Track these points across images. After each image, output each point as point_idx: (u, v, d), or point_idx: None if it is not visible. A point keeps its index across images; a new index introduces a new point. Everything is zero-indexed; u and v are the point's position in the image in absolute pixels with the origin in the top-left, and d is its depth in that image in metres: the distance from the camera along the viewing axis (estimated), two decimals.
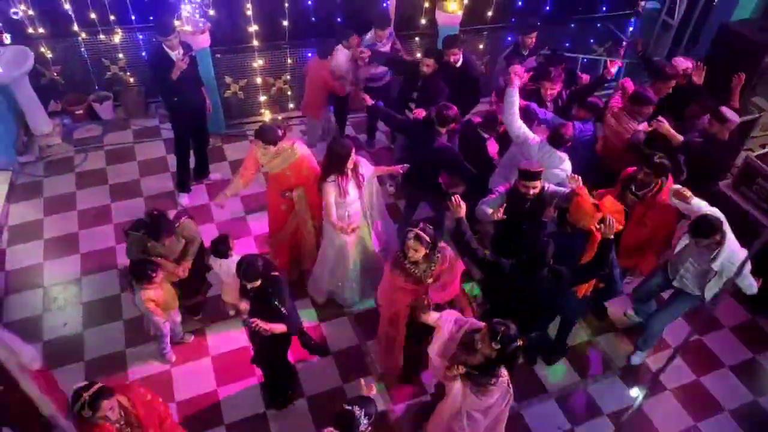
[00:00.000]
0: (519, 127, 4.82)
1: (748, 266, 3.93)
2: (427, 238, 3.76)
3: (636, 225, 4.47)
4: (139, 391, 3.23)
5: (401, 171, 4.69)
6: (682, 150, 4.90)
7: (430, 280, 3.97)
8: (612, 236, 3.69)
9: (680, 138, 4.88)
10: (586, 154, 5.08)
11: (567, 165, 4.67)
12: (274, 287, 3.73)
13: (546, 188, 4.36)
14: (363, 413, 2.99)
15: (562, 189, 4.39)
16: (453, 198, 3.95)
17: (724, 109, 4.82)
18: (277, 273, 3.80)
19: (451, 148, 4.84)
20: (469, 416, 3.40)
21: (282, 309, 3.72)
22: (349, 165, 4.33)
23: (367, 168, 4.54)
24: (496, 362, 3.26)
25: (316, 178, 4.55)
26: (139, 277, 4.03)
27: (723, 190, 5.43)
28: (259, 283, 3.66)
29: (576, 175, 4.27)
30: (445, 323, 3.57)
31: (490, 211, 4.27)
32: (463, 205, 3.92)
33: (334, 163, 4.30)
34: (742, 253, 3.96)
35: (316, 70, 5.89)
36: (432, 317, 3.70)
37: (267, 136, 4.32)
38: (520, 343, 3.22)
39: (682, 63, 5.67)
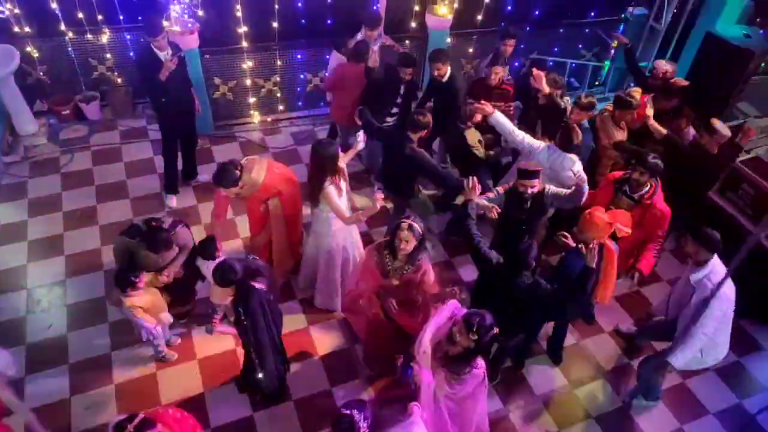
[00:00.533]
0: (522, 139, 4.86)
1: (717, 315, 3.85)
2: (419, 230, 3.84)
3: (633, 228, 4.46)
4: (168, 412, 3.22)
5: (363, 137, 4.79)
6: (663, 144, 4.99)
7: (395, 282, 3.99)
8: (594, 265, 3.71)
9: (663, 131, 5.02)
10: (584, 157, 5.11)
11: (578, 166, 4.69)
12: (243, 296, 3.64)
13: (547, 189, 4.38)
14: (362, 417, 2.95)
15: (563, 190, 4.41)
16: (470, 179, 3.99)
17: (715, 121, 4.86)
18: (256, 283, 3.66)
19: (421, 153, 4.78)
20: (440, 403, 3.43)
21: (242, 317, 3.64)
22: (340, 163, 4.36)
23: (343, 160, 4.58)
24: (474, 352, 3.31)
25: (291, 185, 4.59)
26: (123, 286, 4.01)
27: (709, 196, 5.46)
28: (233, 287, 3.63)
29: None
30: (446, 307, 3.60)
31: (488, 206, 4.29)
32: (478, 188, 4.00)
33: (328, 166, 4.30)
34: (729, 289, 3.85)
35: (359, 75, 5.69)
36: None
37: (226, 181, 4.25)
38: (496, 331, 3.26)
39: (662, 66, 5.73)
